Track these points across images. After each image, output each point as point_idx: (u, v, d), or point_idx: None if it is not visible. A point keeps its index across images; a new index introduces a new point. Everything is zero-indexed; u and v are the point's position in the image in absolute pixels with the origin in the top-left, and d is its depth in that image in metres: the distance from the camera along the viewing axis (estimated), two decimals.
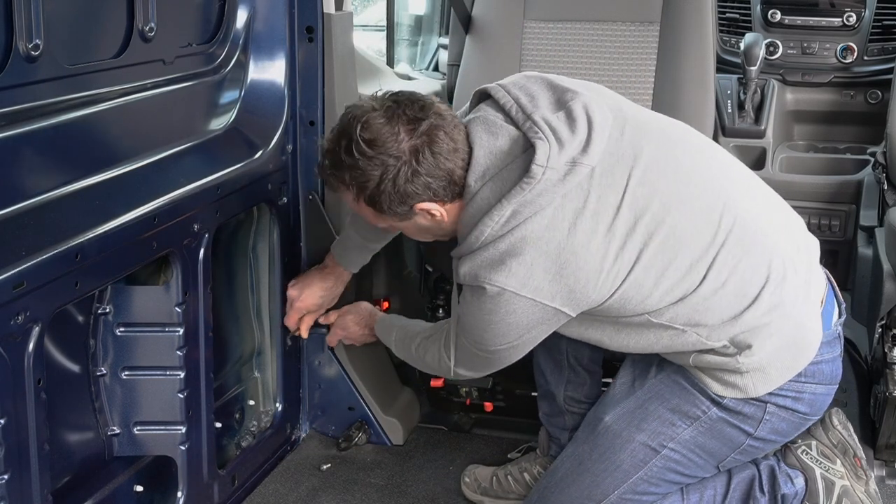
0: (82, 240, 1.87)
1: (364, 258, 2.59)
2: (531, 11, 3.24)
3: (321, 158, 2.05)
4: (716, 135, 3.39)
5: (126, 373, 2.20)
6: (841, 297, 2.21)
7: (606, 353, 2.46)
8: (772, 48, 3.63)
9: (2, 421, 1.74)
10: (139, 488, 2.31)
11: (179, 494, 2.30)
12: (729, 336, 2.00)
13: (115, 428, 2.23)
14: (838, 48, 3.62)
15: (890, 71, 3.44)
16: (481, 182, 1.97)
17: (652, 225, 1.94)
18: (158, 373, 2.22)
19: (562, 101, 1.99)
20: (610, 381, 2.29)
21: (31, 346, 1.77)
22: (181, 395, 2.24)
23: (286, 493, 2.65)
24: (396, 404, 2.93)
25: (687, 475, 2.16)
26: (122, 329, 2.18)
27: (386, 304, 2.88)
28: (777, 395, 2.07)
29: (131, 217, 2.01)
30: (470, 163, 1.97)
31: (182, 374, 2.23)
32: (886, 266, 2.63)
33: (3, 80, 1.78)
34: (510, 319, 1.98)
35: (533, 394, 2.60)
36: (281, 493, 2.65)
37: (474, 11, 3.34)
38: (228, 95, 2.47)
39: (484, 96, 2.09)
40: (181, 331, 2.21)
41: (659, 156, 2.00)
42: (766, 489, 2.23)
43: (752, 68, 3.40)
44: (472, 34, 3.33)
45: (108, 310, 2.16)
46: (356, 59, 2.70)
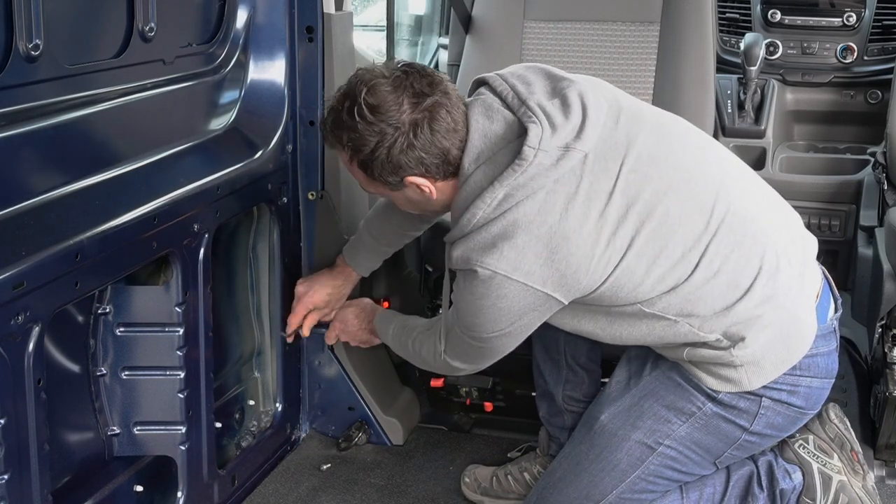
0: (82, 240, 1.87)
1: (374, 262, 2.59)
2: (531, 11, 3.24)
3: (326, 114, 2.05)
4: (716, 135, 3.40)
5: (126, 373, 2.20)
6: (837, 293, 2.21)
7: (604, 351, 2.47)
8: (772, 48, 3.63)
9: (2, 421, 1.74)
10: (139, 488, 2.31)
11: (179, 494, 2.30)
12: (722, 328, 2.00)
13: (115, 428, 2.23)
14: (838, 48, 3.63)
15: (890, 71, 3.44)
16: (475, 165, 1.97)
17: (644, 212, 1.94)
18: (158, 373, 2.22)
19: (557, 88, 2.00)
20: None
21: (31, 346, 1.77)
22: (181, 395, 2.24)
23: (286, 493, 2.65)
24: (396, 404, 2.93)
25: (684, 472, 2.16)
26: (122, 329, 2.18)
27: (386, 304, 2.87)
28: (772, 388, 2.07)
29: (131, 217, 2.01)
30: (466, 145, 1.98)
31: (182, 374, 2.23)
32: (886, 266, 2.63)
33: (3, 80, 1.78)
34: (501, 304, 1.98)
35: (532, 394, 2.60)
36: (281, 493, 2.65)
37: (474, 11, 3.34)
38: (228, 95, 2.47)
39: (482, 85, 2.10)
40: (181, 331, 2.21)
41: (652, 144, 2.00)
42: (765, 485, 2.23)
43: (752, 68, 3.40)
44: (472, 34, 3.33)
45: (108, 310, 2.16)
46: (356, 59, 2.69)
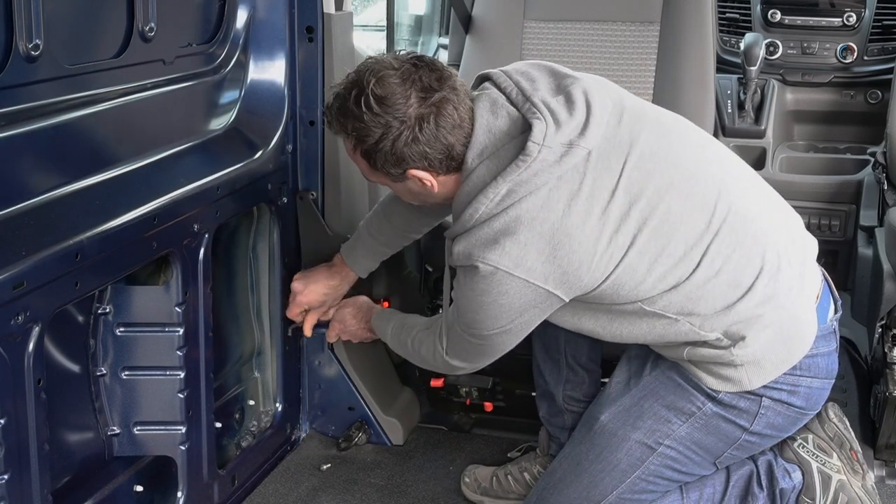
0: (82, 240, 1.87)
1: (373, 263, 2.59)
2: (531, 11, 3.24)
3: (331, 100, 2.04)
4: (716, 135, 3.40)
5: (126, 373, 2.20)
6: (837, 294, 2.21)
7: (604, 351, 2.47)
8: (772, 48, 3.64)
9: (2, 421, 1.74)
10: (139, 488, 2.31)
11: (179, 494, 2.30)
12: (722, 327, 2.00)
13: (115, 428, 2.23)
14: (838, 48, 3.63)
15: (890, 71, 3.45)
16: (479, 160, 1.97)
17: (647, 210, 1.94)
18: (158, 373, 2.22)
19: (562, 85, 2.00)
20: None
21: (31, 346, 1.77)
22: (181, 395, 2.24)
23: (286, 493, 2.65)
24: (396, 404, 2.93)
25: (684, 472, 2.16)
26: (122, 329, 2.18)
27: (386, 304, 2.87)
28: (772, 388, 2.07)
29: (131, 217, 2.01)
30: (470, 140, 1.98)
31: (182, 374, 2.23)
32: (886, 266, 2.63)
33: (3, 80, 1.77)
34: (502, 300, 1.97)
35: (533, 394, 2.60)
36: (281, 493, 2.65)
37: (474, 11, 3.34)
38: (228, 95, 2.47)
39: (485, 80, 2.10)
40: (181, 331, 2.21)
41: (655, 143, 2.00)
42: (765, 484, 2.23)
43: (752, 68, 3.41)
44: (472, 34, 3.33)
45: (108, 310, 2.16)
46: (356, 59, 2.69)
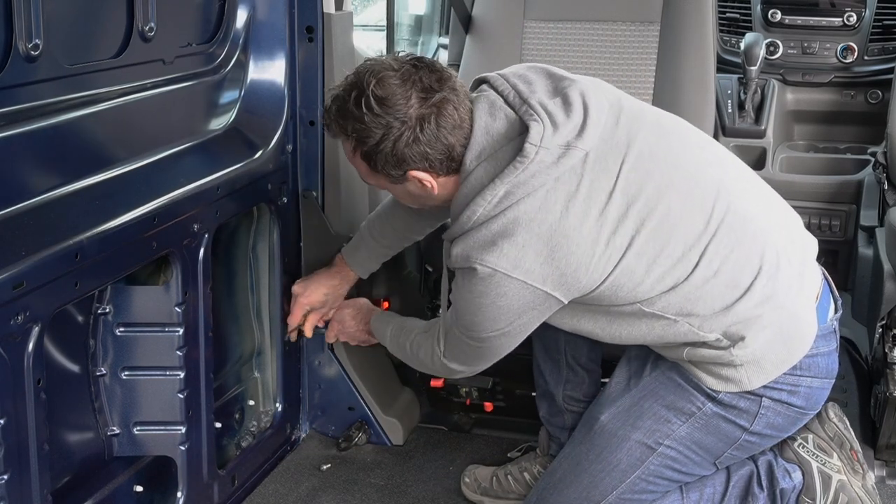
0: (82, 240, 1.87)
1: (373, 264, 2.59)
2: (531, 11, 3.24)
3: (329, 103, 2.04)
4: (716, 135, 3.40)
5: (126, 373, 2.20)
6: (837, 293, 2.21)
7: (604, 351, 2.47)
8: (772, 48, 3.64)
9: (2, 421, 1.74)
10: (139, 488, 2.31)
11: (179, 494, 2.30)
12: (722, 328, 2.00)
13: (114, 428, 2.23)
14: (839, 48, 3.63)
15: (890, 71, 3.45)
16: (477, 162, 1.97)
17: (644, 211, 1.94)
18: (158, 373, 2.22)
19: (559, 88, 2.01)
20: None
21: (30, 346, 1.77)
22: (181, 395, 2.24)
23: (286, 493, 2.65)
24: (396, 404, 2.93)
25: (684, 473, 2.16)
26: (121, 329, 2.18)
27: (386, 305, 2.87)
28: (772, 388, 2.07)
29: (131, 217, 2.01)
30: (469, 141, 1.98)
31: (182, 374, 2.23)
32: (887, 266, 2.63)
33: (3, 80, 1.77)
34: (501, 302, 1.97)
35: (533, 394, 2.60)
36: (281, 493, 2.65)
37: (474, 11, 3.34)
38: (228, 95, 2.47)
39: (483, 83, 2.10)
40: (181, 331, 2.21)
41: (653, 143, 2.01)
42: (765, 485, 2.23)
43: (752, 68, 3.41)
44: (472, 34, 3.33)
45: (107, 310, 2.16)
46: (356, 59, 2.69)
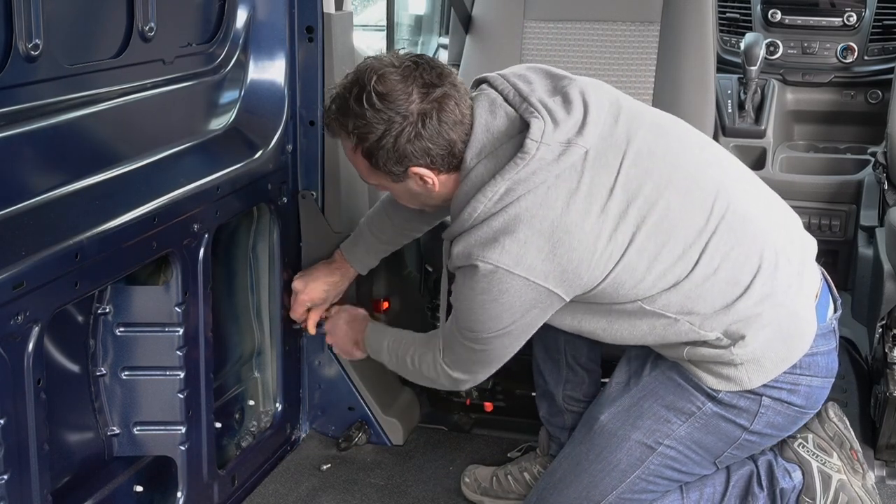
0: (82, 240, 1.87)
1: (373, 260, 2.59)
2: (531, 11, 3.24)
3: (329, 102, 2.04)
4: (716, 135, 3.40)
5: (126, 373, 2.20)
6: (836, 293, 2.21)
7: (604, 351, 2.47)
8: (772, 48, 3.64)
9: (2, 421, 1.74)
10: (139, 488, 2.31)
11: (179, 494, 2.30)
12: (722, 326, 2.01)
13: (114, 428, 2.23)
14: (839, 48, 3.63)
15: (890, 71, 3.45)
16: (477, 159, 1.98)
17: (644, 207, 1.95)
18: (158, 373, 2.22)
19: (558, 87, 2.02)
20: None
21: (30, 346, 1.77)
22: (181, 395, 2.24)
23: (286, 493, 2.65)
24: (396, 404, 2.93)
25: (684, 472, 2.16)
26: (121, 329, 2.18)
27: (386, 305, 2.87)
28: (772, 387, 2.07)
29: (131, 217, 2.01)
30: (469, 138, 1.99)
31: (182, 374, 2.23)
32: (887, 266, 2.63)
33: (3, 80, 1.77)
34: (503, 300, 1.97)
35: (532, 394, 2.60)
36: (281, 493, 2.65)
37: (474, 11, 3.34)
38: (228, 95, 2.47)
39: (483, 83, 2.11)
40: (181, 331, 2.21)
41: (652, 142, 2.01)
42: (765, 484, 2.23)
43: (752, 68, 3.41)
44: (472, 34, 3.33)
45: (108, 310, 2.16)
46: (356, 59, 2.69)
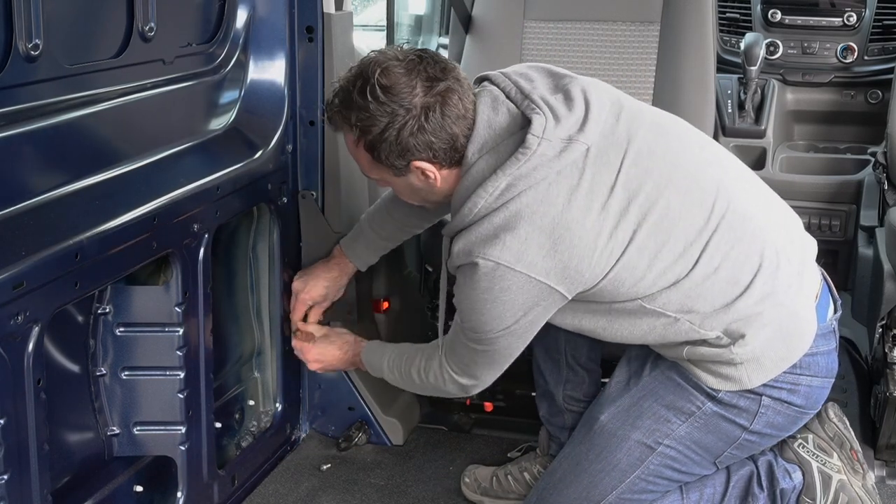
0: (82, 240, 1.87)
1: (372, 256, 2.58)
2: (531, 11, 3.24)
3: (331, 96, 2.04)
4: (716, 134, 3.40)
5: (126, 373, 2.20)
6: (836, 294, 2.21)
7: (604, 351, 2.47)
8: (772, 48, 3.64)
9: (2, 421, 1.74)
10: (139, 488, 2.31)
11: (179, 494, 2.30)
12: (722, 325, 2.01)
13: (114, 428, 2.23)
14: (839, 48, 3.63)
15: (890, 71, 3.45)
16: (478, 154, 1.98)
17: (645, 205, 1.95)
18: (158, 373, 2.22)
19: (560, 85, 2.02)
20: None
21: (30, 346, 1.77)
22: (181, 395, 2.24)
23: (286, 493, 2.65)
24: (396, 404, 2.93)
25: (684, 472, 2.16)
26: (121, 329, 2.18)
27: (386, 305, 2.87)
28: (772, 387, 2.07)
29: (131, 217, 2.01)
30: (471, 134, 1.99)
31: (182, 374, 2.23)
32: (887, 266, 2.63)
33: (3, 80, 1.77)
34: (505, 297, 1.97)
35: (533, 394, 2.60)
36: (281, 493, 2.65)
37: (474, 11, 3.34)
38: (228, 95, 2.47)
39: (485, 81, 2.11)
40: (181, 331, 2.21)
41: (653, 142, 2.02)
42: (765, 485, 2.23)
43: (752, 68, 3.41)
44: (472, 34, 3.33)
45: (107, 310, 2.16)
46: (356, 59, 2.69)
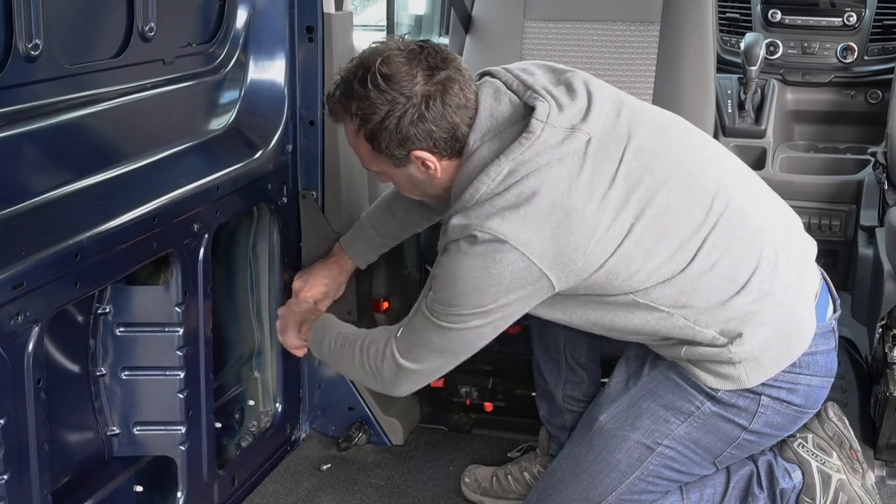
0: (82, 240, 1.87)
1: (372, 254, 2.58)
2: (531, 11, 3.24)
3: (332, 88, 2.04)
4: (716, 135, 3.40)
5: (126, 373, 2.20)
6: (836, 294, 2.21)
7: (604, 351, 2.47)
8: (772, 48, 3.64)
9: (2, 421, 1.74)
10: (139, 488, 2.31)
11: (179, 494, 2.30)
12: (718, 323, 2.00)
13: (114, 428, 2.23)
14: (839, 48, 3.63)
15: (890, 71, 3.45)
16: (481, 142, 1.98)
17: (645, 199, 1.95)
18: (158, 373, 2.22)
19: (561, 78, 2.04)
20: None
21: (30, 346, 1.77)
22: (181, 395, 2.24)
23: (286, 493, 2.65)
24: (396, 404, 2.93)
25: (684, 472, 2.16)
26: (121, 329, 2.18)
27: (386, 305, 2.87)
28: (771, 386, 2.06)
29: (131, 217, 2.01)
30: (473, 122, 1.99)
31: (182, 374, 2.23)
32: (887, 266, 2.63)
33: (3, 80, 1.77)
34: (493, 270, 1.93)
35: (532, 394, 2.60)
36: (281, 493, 2.65)
37: (474, 11, 3.34)
38: (228, 95, 2.47)
39: (486, 75, 2.11)
40: (181, 331, 2.21)
41: (653, 139, 2.02)
42: (765, 485, 2.23)
43: (752, 68, 3.41)
44: (472, 34, 3.33)
45: (108, 310, 2.16)
46: None
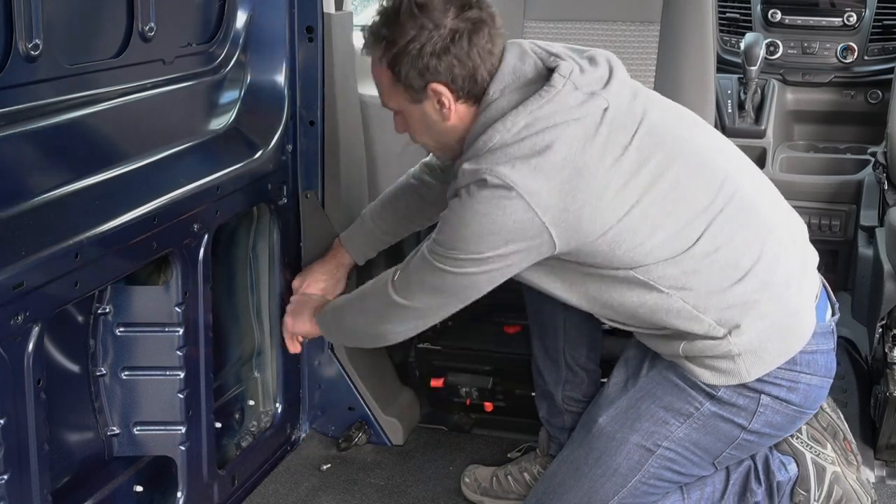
0: (82, 240, 1.87)
1: (370, 249, 2.58)
2: (531, 11, 3.24)
3: (373, 18, 2.06)
4: None
5: (126, 373, 2.20)
6: (835, 299, 2.21)
7: (603, 351, 2.47)
8: (772, 48, 3.64)
9: (2, 421, 1.74)
10: (139, 488, 2.31)
11: (179, 494, 2.30)
12: (717, 310, 2.00)
13: (114, 428, 2.23)
14: (839, 48, 3.63)
15: (890, 71, 3.45)
16: (500, 94, 1.99)
17: (656, 172, 1.96)
18: (158, 373, 2.22)
19: (585, 53, 2.06)
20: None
21: (30, 346, 1.77)
22: (181, 395, 2.24)
23: (286, 493, 2.65)
24: (396, 404, 2.93)
25: (684, 474, 2.16)
26: (121, 329, 2.18)
27: None
28: (771, 384, 2.06)
29: (131, 217, 2.01)
30: (496, 74, 2.00)
31: (182, 374, 2.23)
32: (887, 266, 2.64)
33: (3, 80, 1.77)
34: (496, 216, 1.92)
35: (532, 394, 2.60)
36: (281, 493, 2.65)
37: None
38: (228, 95, 2.47)
39: None
40: (181, 331, 2.21)
41: (665, 123, 2.04)
42: (762, 479, 2.24)
43: (752, 68, 3.41)
44: None
45: (108, 310, 2.16)
46: (356, 59, 2.69)
